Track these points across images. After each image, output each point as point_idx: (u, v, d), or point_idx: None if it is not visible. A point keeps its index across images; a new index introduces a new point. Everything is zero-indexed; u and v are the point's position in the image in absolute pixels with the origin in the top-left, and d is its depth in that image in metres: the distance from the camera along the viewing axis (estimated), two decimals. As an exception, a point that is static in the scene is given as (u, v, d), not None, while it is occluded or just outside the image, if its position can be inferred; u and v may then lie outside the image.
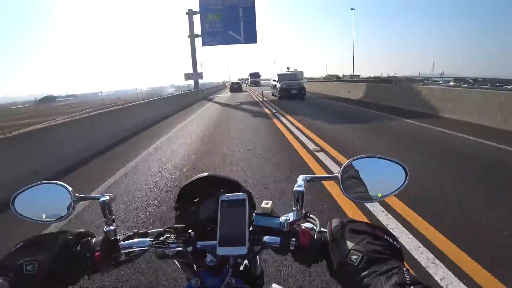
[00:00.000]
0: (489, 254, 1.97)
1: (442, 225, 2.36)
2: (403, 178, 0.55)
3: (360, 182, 0.56)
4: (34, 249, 0.50)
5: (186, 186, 0.67)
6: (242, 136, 6.45)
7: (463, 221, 2.46)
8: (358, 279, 0.42)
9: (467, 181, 3.36)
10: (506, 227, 2.32)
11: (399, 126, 7.21)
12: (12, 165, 3.89)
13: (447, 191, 3.09)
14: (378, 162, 0.58)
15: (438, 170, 3.78)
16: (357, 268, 0.43)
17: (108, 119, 7.04)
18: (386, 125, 7.48)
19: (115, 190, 3.51)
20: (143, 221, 2.69)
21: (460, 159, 4.23)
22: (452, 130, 6.23)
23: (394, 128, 7.04)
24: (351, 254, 0.45)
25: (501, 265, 1.86)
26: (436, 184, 3.27)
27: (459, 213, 2.59)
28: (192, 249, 0.55)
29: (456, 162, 4.09)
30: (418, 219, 2.47)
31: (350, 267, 0.44)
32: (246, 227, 0.54)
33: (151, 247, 0.57)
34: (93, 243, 0.55)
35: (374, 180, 0.57)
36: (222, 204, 0.57)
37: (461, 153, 4.59)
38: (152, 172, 4.19)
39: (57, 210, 0.60)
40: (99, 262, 0.54)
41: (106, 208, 0.58)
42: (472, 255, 1.95)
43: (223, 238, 0.54)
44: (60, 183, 0.61)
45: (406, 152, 4.88)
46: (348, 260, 0.44)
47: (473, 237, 2.20)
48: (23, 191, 0.61)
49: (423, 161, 4.14)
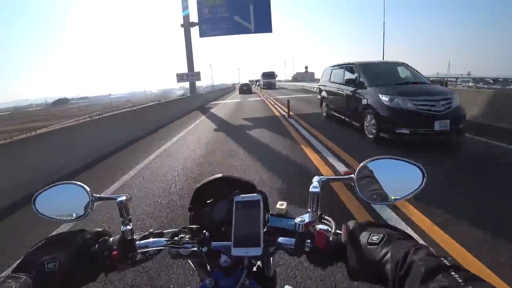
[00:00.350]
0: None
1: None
2: (420, 180, 0.54)
3: (376, 183, 0.56)
4: (55, 247, 0.52)
5: (200, 187, 0.67)
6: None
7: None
8: (381, 255, 0.42)
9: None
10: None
11: None
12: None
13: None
14: (394, 164, 0.57)
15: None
16: (378, 246, 0.44)
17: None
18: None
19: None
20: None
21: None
22: None
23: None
24: (371, 236, 0.46)
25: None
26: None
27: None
28: (207, 249, 0.56)
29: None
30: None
31: (372, 249, 0.44)
32: (261, 228, 0.54)
33: (166, 247, 0.58)
34: (110, 242, 0.57)
35: (390, 181, 0.56)
36: (236, 205, 0.57)
37: None
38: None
39: (76, 209, 0.62)
40: (116, 261, 0.55)
41: (123, 208, 0.59)
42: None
43: (238, 239, 0.54)
44: (79, 184, 0.63)
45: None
46: (369, 240, 0.45)
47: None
48: (44, 191, 0.63)
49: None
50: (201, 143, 6.11)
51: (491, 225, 2.26)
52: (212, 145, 5.89)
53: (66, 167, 4.61)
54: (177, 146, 6.07)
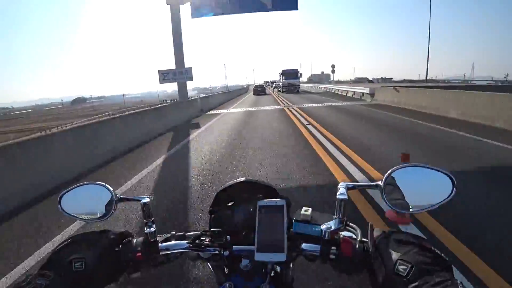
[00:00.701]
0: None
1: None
2: (449, 189, 0.52)
3: (404, 191, 0.54)
4: (81, 246, 0.53)
5: (222, 191, 0.67)
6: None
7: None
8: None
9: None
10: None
11: None
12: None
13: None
14: (423, 172, 0.55)
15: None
16: (405, 279, 0.41)
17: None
18: None
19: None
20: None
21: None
22: None
23: None
24: (398, 265, 0.43)
25: None
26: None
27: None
28: (228, 253, 0.56)
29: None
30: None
31: (398, 279, 0.42)
32: (284, 234, 0.53)
33: (188, 250, 0.58)
34: (134, 243, 0.58)
35: (419, 190, 0.55)
36: (260, 210, 0.57)
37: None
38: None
39: (99, 209, 0.63)
40: (140, 262, 0.56)
41: (146, 209, 0.59)
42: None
43: (262, 244, 0.53)
44: (103, 184, 0.63)
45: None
46: (396, 271, 0.42)
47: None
48: (69, 190, 0.64)
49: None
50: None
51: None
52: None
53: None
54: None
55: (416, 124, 7.74)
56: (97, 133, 5.72)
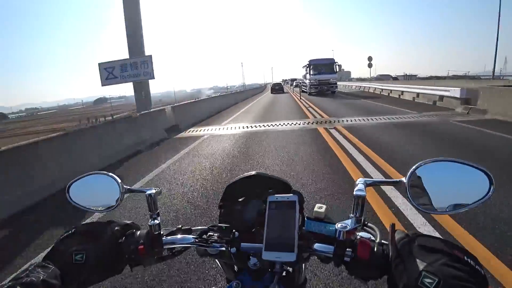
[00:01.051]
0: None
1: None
2: (486, 188, 0.46)
3: (431, 189, 0.48)
4: (84, 238, 0.52)
5: (231, 185, 0.64)
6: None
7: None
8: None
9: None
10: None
11: None
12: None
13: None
14: (454, 167, 0.49)
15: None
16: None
17: None
18: None
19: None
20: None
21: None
22: None
23: None
24: (423, 277, 0.37)
25: None
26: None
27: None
28: (236, 250, 0.53)
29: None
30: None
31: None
32: (295, 232, 0.49)
33: (193, 245, 0.56)
34: (137, 235, 0.56)
35: (448, 188, 0.49)
36: (270, 205, 0.53)
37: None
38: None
39: (107, 200, 0.62)
40: (142, 255, 0.54)
41: (152, 201, 0.58)
42: None
43: (270, 242, 0.50)
44: (111, 175, 0.62)
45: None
46: (420, 284, 0.37)
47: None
48: (77, 180, 0.64)
49: None
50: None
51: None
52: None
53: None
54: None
55: None
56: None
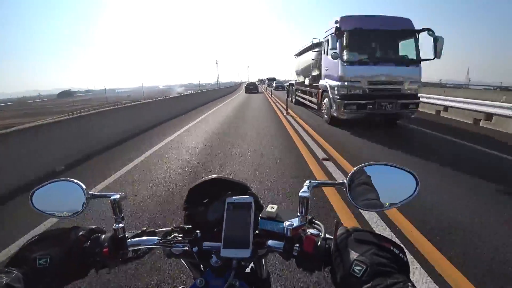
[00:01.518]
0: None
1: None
2: (413, 187, 0.54)
3: (368, 190, 0.56)
4: (47, 244, 0.53)
5: (194, 188, 0.67)
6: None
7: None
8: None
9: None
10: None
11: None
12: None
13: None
14: (387, 170, 0.57)
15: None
16: (359, 280, 0.42)
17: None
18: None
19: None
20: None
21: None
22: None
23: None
24: (354, 265, 0.44)
25: None
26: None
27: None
28: (198, 249, 0.57)
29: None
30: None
31: (353, 279, 0.43)
32: (250, 231, 0.54)
33: (158, 246, 0.58)
34: (102, 239, 0.57)
35: (382, 188, 0.56)
36: (228, 207, 0.58)
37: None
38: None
39: (72, 206, 0.63)
40: (107, 258, 0.55)
41: (116, 206, 0.60)
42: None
43: (228, 240, 0.54)
44: (76, 181, 0.63)
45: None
46: (351, 271, 0.43)
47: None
48: (41, 187, 0.64)
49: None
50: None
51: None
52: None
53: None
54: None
55: None
56: None
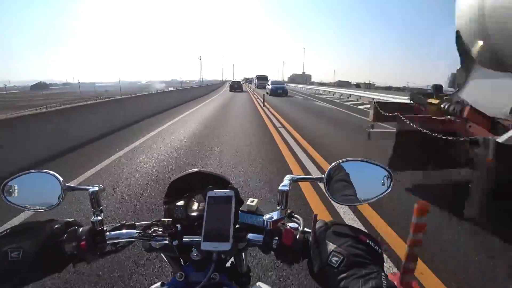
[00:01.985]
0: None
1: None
2: (388, 182, 0.57)
3: (345, 184, 0.58)
4: (21, 237, 0.51)
5: (175, 181, 0.67)
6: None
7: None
8: (337, 281, 0.43)
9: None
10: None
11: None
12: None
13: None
14: (363, 166, 0.59)
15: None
16: (336, 270, 0.44)
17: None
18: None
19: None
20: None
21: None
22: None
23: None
24: (331, 256, 0.45)
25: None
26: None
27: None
28: (178, 243, 0.56)
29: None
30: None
31: (330, 269, 0.45)
32: (231, 224, 0.55)
33: (137, 239, 0.57)
34: (79, 232, 0.56)
35: (359, 183, 0.58)
36: (209, 200, 0.58)
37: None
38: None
39: (47, 199, 0.60)
40: (84, 251, 0.54)
41: (94, 199, 0.58)
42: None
43: (208, 233, 0.55)
44: (52, 173, 0.60)
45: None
46: (329, 262, 0.45)
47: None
48: (14, 178, 0.61)
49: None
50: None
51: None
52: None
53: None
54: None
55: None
56: None
